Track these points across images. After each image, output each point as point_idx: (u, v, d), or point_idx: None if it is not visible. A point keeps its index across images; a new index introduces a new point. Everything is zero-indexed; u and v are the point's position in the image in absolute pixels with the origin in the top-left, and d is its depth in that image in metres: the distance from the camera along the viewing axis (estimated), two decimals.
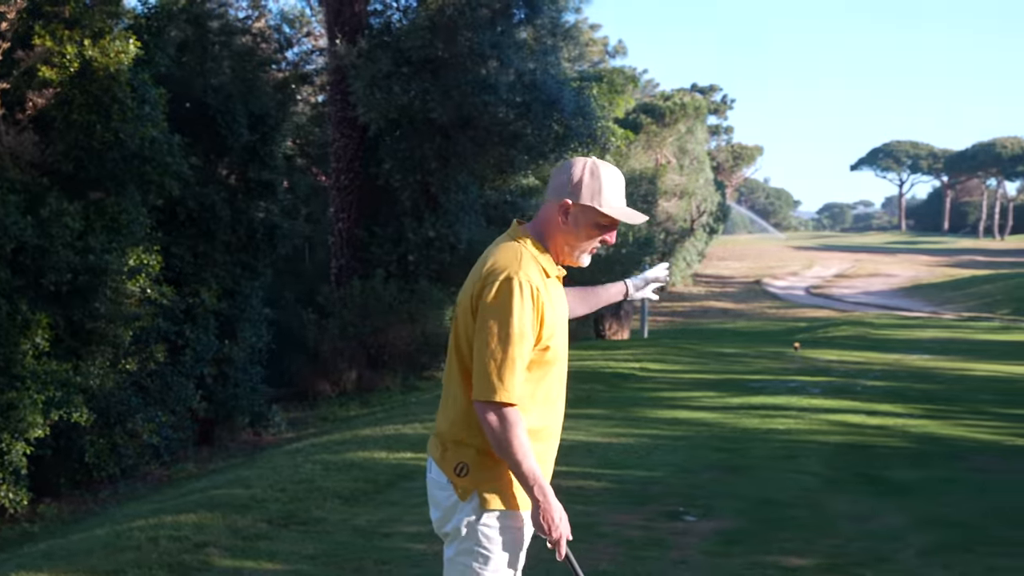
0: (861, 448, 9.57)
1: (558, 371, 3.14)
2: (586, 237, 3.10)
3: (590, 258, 3.18)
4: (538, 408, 3.09)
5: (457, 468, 3.09)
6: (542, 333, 3.01)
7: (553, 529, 2.97)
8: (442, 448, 3.16)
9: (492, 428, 2.97)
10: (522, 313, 2.96)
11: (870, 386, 13.89)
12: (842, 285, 49.10)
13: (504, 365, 2.95)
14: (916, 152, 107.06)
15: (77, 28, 10.22)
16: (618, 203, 3.09)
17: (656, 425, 11.06)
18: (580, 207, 3.08)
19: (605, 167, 3.12)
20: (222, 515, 7.01)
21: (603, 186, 3.06)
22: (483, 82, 16.30)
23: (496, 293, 2.99)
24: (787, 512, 7.16)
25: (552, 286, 3.11)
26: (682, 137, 41.02)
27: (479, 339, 3.00)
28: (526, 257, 3.05)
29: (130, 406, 11.29)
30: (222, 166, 13.54)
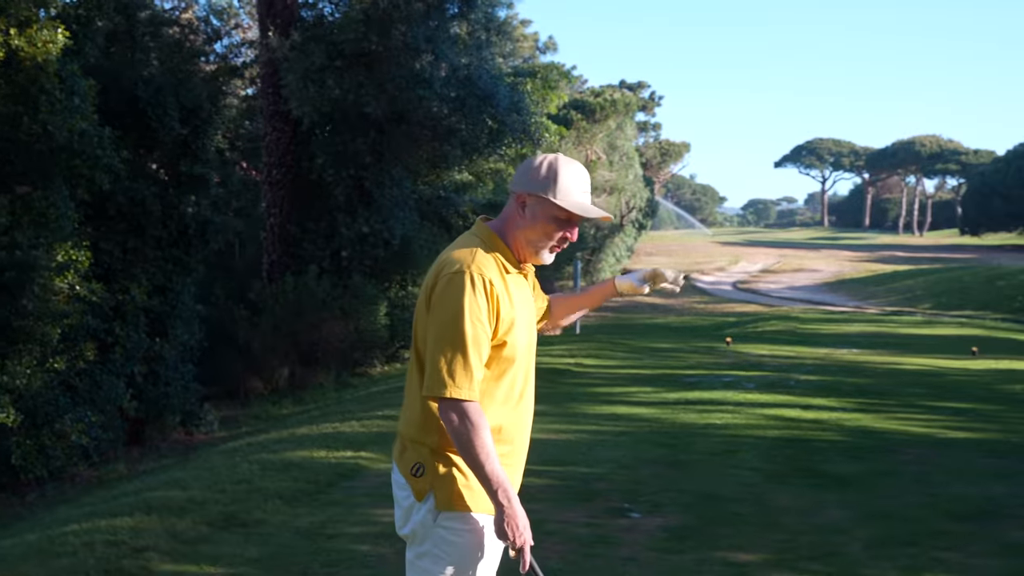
0: (799, 442, 9.66)
1: (520, 370, 3.07)
2: (544, 232, 3.03)
3: (553, 257, 3.11)
4: (497, 407, 3.01)
5: (413, 468, 3.02)
6: (497, 328, 2.94)
7: (516, 537, 2.89)
8: (401, 448, 3.10)
9: (451, 426, 2.90)
10: (473, 307, 2.89)
11: (803, 380, 14.05)
12: (768, 280, 49.77)
13: (455, 360, 2.87)
14: (838, 150, 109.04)
15: (2, 17, 9.87)
16: (577, 197, 3.02)
17: (595, 421, 11.05)
18: (535, 199, 3.02)
19: (566, 161, 3.06)
20: (159, 518, 6.83)
21: (560, 178, 3.01)
22: (417, 76, 16.15)
23: (447, 287, 2.92)
24: (732, 507, 7.18)
25: (512, 282, 3.04)
26: (612, 133, 41.14)
27: (431, 335, 2.93)
28: (482, 251, 2.98)
29: (58, 406, 10.95)
30: (152, 160, 13.21)
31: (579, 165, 3.08)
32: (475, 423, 2.86)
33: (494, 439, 2.94)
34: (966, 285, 40.06)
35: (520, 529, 2.88)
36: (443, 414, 2.89)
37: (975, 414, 11.53)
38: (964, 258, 57.73)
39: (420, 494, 3.00)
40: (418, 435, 3.04)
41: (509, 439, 3.07)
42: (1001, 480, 8.09)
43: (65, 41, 10.36)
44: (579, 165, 3.08)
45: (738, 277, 51.10)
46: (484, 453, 2.85)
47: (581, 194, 3.03)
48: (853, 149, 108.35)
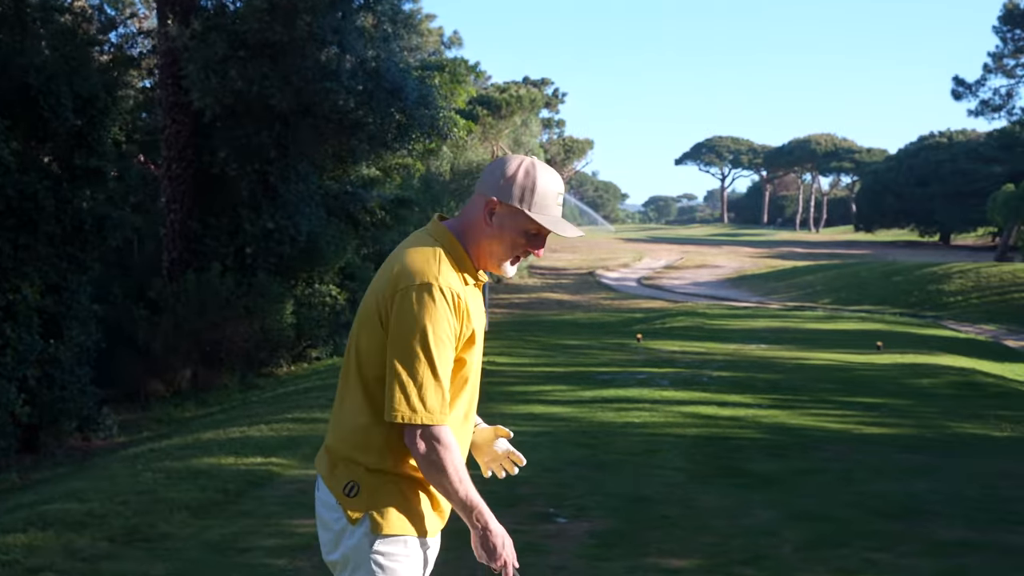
0: (719, 440, 9.58)
1: (472, 387, 2.83)
2: (511, 244, 2.74)
3: (516, 269, 2.83)
4: (453, 424, 2.75)
5: (347, 488, 2.74)
6: (459, 344, 2.69)
7: (498, 557, 2.69)
8: (331, 465, 2.80)
9: (421, 454, 2.65)
10: (442, 324, 2.62)
11: (716, 376, 14.05)
12: (672, 276, 50.20)
13: (425, 383, 2.61)
14: (737, 147, 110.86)
15: None
16: (553, 212, 2.74)
17: (513, 421, 10.81)
18: (508, 208, 2.72)
19: (544, 169, 2.76)
20: (56, 534, 6.38)
21: (537, 189, 2.71)
22: (324, 68, 15.72)
23: (413, 301, 2.63)
24: (659, 509, 7.02)
25: (471, 295, 2.76)
26: (517, 129, 41.11)
27: (395, 354, 2.65)
28: (443, 260, 2.70)
29: None
30: (45, 152, 12.53)
31: (556, 174, 2.78)
32: (448, 448, 2.63)
33: None
34: (863, 280, 40.94)
35: (500, 548, 2.70)
36: (412, 441, 2.64)
37: (888, 409, 11.62)
38: (860, 254, 59.12)
39: (354, 516, 2.72)
40: (353, 453, 2.76)
41: None
42: (921, 476, 8.09)
43: None
44: (556, 174, 2.78)
45: (643, 273, 51.42)
46: (458, 478, 2.64)
47: (557, 207, 2.75)
48: (751, 147, 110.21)
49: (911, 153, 68.23)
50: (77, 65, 12.60)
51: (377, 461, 2.72)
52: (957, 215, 61.13)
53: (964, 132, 68.13)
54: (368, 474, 2.72)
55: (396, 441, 2.69)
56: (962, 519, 6.80)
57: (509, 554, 2.71)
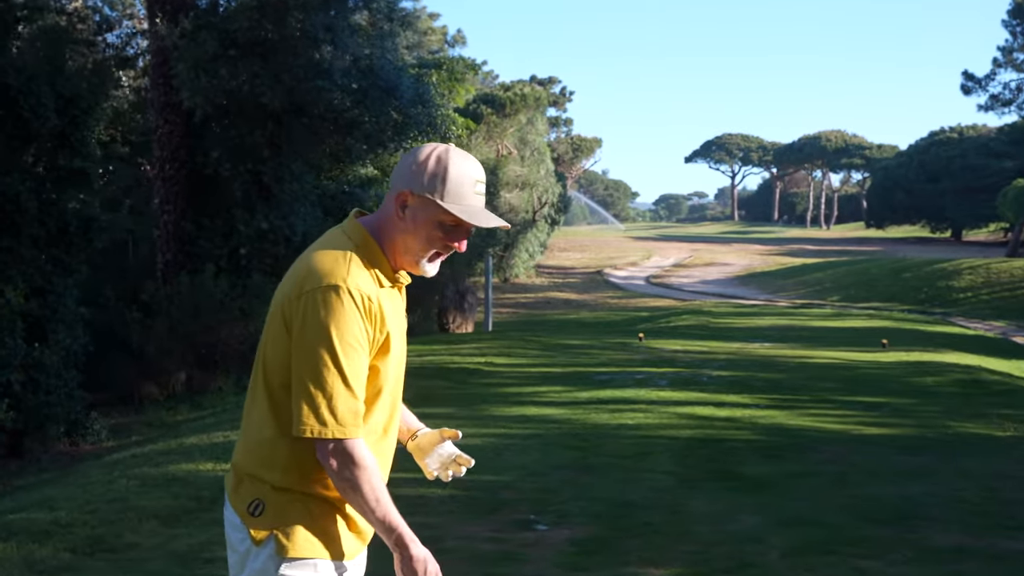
0: (712, 442, 9.35)
1: (387, 400, 2.58)
2: (427, 239, 2.50)
3: (437, 267, 2.58)
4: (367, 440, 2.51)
5: (251, 506, 2.50)
6: (371, 350, 2.46)
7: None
8: (236, 482, 2.56)
9: (334, 471, 2.42)
10: (352, 329, 2.39)
11: (716, 376, 13.81)
12: (681, 274, 49.97)
13: (335, 393, 2.38)
14: (747, 145, 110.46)
15: None
16: (470, 201, 2.49)
17: (505, 423, 10.63)
18: (420, 200, 2.48)
19: (459, 155, 2.51)
20: (17, 545, 6.18)
21: (450, 176, 2.46)
22: (317, 66, 15.50)
23: (319, 305, 2.39)
24: (643, 516, 6.80)
25: (388, 297, 2.53)
26: (523, 128, 40.81)
27: (301, 362, 2.41)
28: (354, 261, 2.46)
29: None
30: (27, 153, 12.34)
31: (473, 160, 2.53)
32: (364, 464, 2.41)
33: None
34: (873, 277, 40.63)
35: (430, 573, 2.46)
36: (324, 456, 2.41)
37: (889, 408, 11.36)
38: (870, 251, 58.76)
39: (258, 538, 2.49)
40: (258, 470, 2.53)
41: None
42: (918, 479, 7.84)
43: None
44: (473, 160, 2.53)
45: (651, 272, 51.21)
46: (374, 497, 2.42)
47: (475, 196, 2.50)
48: (761, 144, 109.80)
49: (921, 149, 67.74)
50: (60, 65, 12.40)
51: (283, 478, 2.49)
52: (968, 211, 60.66)
53: (975, 127, 67.61)
54: (274, 492, 2.49)
55: (303, 456, 2.46)
56: (958, 524, 6.56)
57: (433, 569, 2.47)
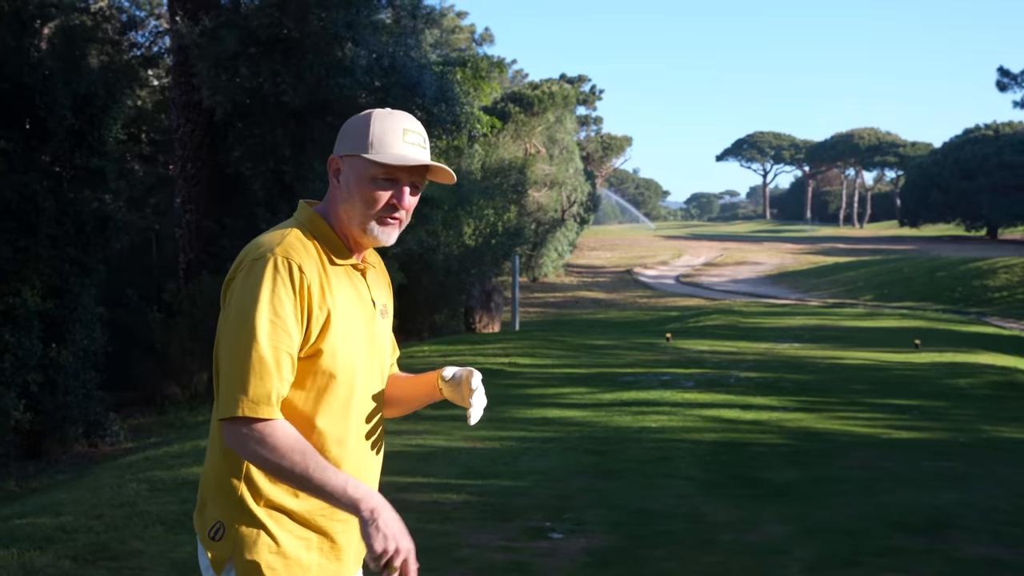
0: (737, 447, 9.09)
1: (352, 393, 2.33)
2: (363, 200, 2.30)
3: (393, 233, 2.36)
4: (321, 441, 2.28)
5: (212, 530, 2.29)
6: (310, 330, 2.23)
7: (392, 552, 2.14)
8: (201, 503, 2.35)
9: (251, 455, 2.18)
10: (273, 299, 2.18)
11: (743, 378, 13.54)
12: (711, 273, 49.58)
13: (250, 368, 2.15)
14: (779, 143, 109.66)
15: None
16: (399, 150, 2.30)
17: (525, 426, 10.41)
18: (348, 161, 2.32)
19: (385, 111, 2.36)
20: (18, 552, 6.03)
21: (373, 130, 2.30)
22: (338, 64, 15.34)
23: (243, 279, 2.21)
24: (662, 524, 6.56)
25: (338, 276, 2.32)
26: (551, 127, 40.64)
27: (220, 339, 2.22)
28: (294, 236, 2.29)
29: None
30: (45, 152, 12.25)
31: (402, 114, 2.37)
32: (279, 444, 2.15)
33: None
34: (907, 276, 40.08)
35: (393, 536, 2.15)
36: (236, 441, 2.18)
37: (920, 412, 11.05)
38: (904, 249, 58.04)
39: (219, 564, 2.28)
40: (217, 491, 2.32)
41: None
42: (949, 485, 7.56)
43: None
44: (402, 114, 2.37)
45: (681, 271, 50.86)
46: (306, 465, 2.15)
47: (404, 145, 2.31)
48: (793, 142, 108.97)
49: (956, 146, 66.87)
50: (76, 64, 12.31)
51: (240, 497, 2.27)
52: (1004, 209, 59.81)
53: (1011, 124, 66.68)
54: (234, 512, 2.27)
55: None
56: (990, 534, 6.29)
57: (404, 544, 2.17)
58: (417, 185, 2.37)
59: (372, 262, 2.49)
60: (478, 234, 27.49)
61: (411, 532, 6.07)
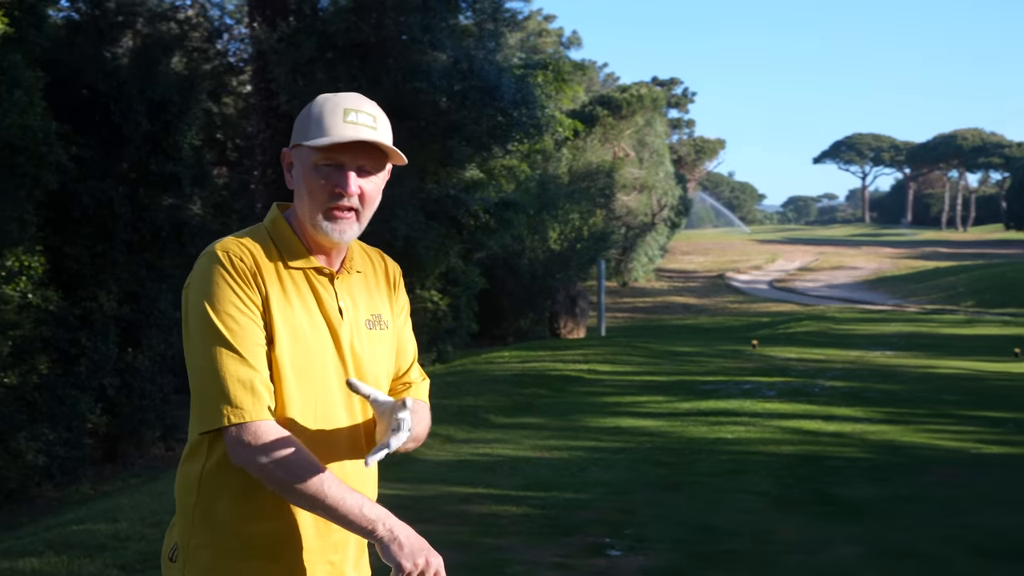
0: (814, 460, 8.71)
1: (302, 406, 2.07)
2: (308, 191, 2.08)
3: (348, 229, 2.10)
4: None
5: (171, 551, 2.11)
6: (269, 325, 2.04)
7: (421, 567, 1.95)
8: (171, 524, 2.19)
9: (253, 465, 1.97)
10: (226, 295, 1.99)
11: (829, 387, 13.07)
12: (806, 278, 48.57)
13: (223, 372, 1.96)
14: (878, 144, 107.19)
15: None
16: (340, 131, 2.05)
17: (596, 436, 10.18)
18: (295, 153, 2.13)
19: (329, 94, 2.14)
20: (69, 559, 5.98)
21: (312, 115, 2.09)
22: (415, 68, 15.26)
23: (193, 281, 2.04)
24: (727, 543, 6.26)
25: (296, 280, 2.11)
26: (640, 130, 40.24)
27: (186, 347, 2.04)
28: (244, 233, 2.11)
29: (12, 424, 10.14)
30: (121, 158, 12.39)
31: (348, 94, 2.14)
32: (281, 452, 1.95)
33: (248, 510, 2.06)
34: (1010, 281, 38.67)
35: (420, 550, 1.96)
36: (235, 453, 1.97)
37: (1014, 425, 10.48)
38: (1008, 253, 56.12)
39: None
40: (179, 503, 2.13)
41: (277, 514, 2.07)
42: None
43: (5, 29, 9.57)
44: (348, 94, 2.14)
45: (775, 275, 49.93)
46: (317, 483, 1.95)
47: (346, 125, 2.06)
48: (893, 144, 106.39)
49: None
50: (150, 71, 12.44)
51: (190, 515, 2.08)
52: None
53: None
54: (187, 533, 2.08)
55: (211, 478, 2.05)
56: None
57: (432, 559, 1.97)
58: (367, 169, 2.11)
59: (359, 267, 2.24)
60: (563, 238, 27.27)
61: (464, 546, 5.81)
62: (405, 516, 2.03)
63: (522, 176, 21.95)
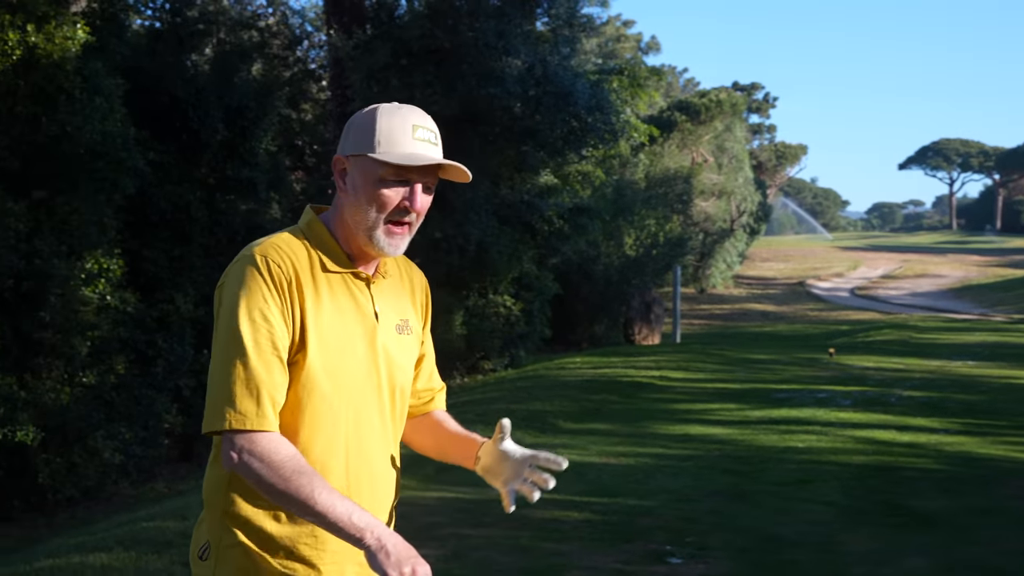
0: (887, 471, 8.54)
1: (337, 407, 2.11)
2: (371, 203, 2.10)
3: (400, 244, 2.16)
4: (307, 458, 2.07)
5: (201, 549, 2.16)
6: (294, 334, 2.06)
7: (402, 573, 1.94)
8: (199, 522, 2.23)
9: (244, 471, 2.00)
10: (254, 300, 2.01)
11: (906, 397, 12.80)
12: (888, 286, 47.63)
13: (234, 377, 1.99)
14: (966, 150, 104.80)
15: (20, 13, 9.41)
16: (408, 148, 2.09)
17: (663, 443, 10.10)
18: (354, 161, 2.12)
19: (392, 107, 2.15)
20: (137, 555, 6.12)
21: (379, 126, 2.10)
22: (489, 74, 15.33)
23: (227, 284, 2.07)
24: (791, 553, 6.17)
25: (332, 285, 2.13)
26: (720, 135, 39.86)
27: (213, 347, 2.08)
28: (281, 238, 2.12)
29: (90, 422, 10.40)
30: (198, 164, 12.64)
31: (411, 108, 2.17)
32: (273, 459, 1.97)
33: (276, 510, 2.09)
34: None
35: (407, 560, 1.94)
36: (225, 457, 2.01)
37: None
38: None
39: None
40: (208, 501, 2.19)
41: None
42: None
43: (86, 38, 9.84)
44: (411, 108, 2.17)
45: (857, 283, 49.02)
46: (308, 489, 1.97)
47: (414, 142, 2.11)
48: (982, 149, 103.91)
49: None
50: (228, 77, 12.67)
51: (220, 513, 2.13)
52: None
53: None
54: (217, 532, 2.13)
55: (239, 478, 2.07)
56: None
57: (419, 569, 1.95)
58: (429, 186, 2.17)
59: (389, 272, 2.28)
60: (639, 244, 27.12)
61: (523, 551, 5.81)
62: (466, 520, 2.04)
63: (597, 182, 21.89)
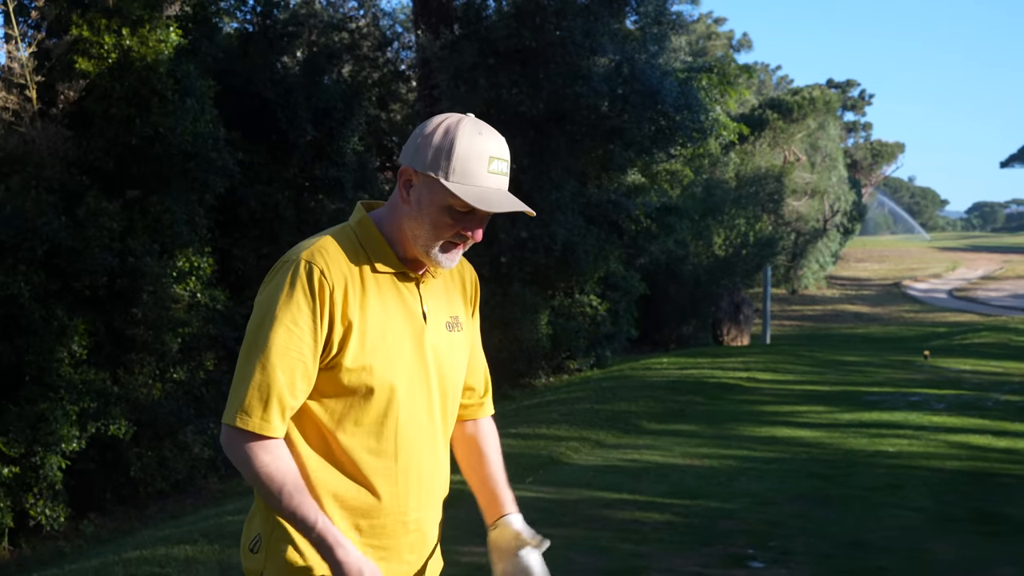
0: (980, 476, 8.28)
1: (388, 406, 2.12)
2: (433, 226, 2.09)
3: (456, 257, 2.16)
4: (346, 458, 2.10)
5: (252, 542, 2.18)
6: (331, 339, 2.05)
7: None
8: (251, 512, 2.25)
9: (241, 464, 2.05)
10: (291, 306, 2.02)
11: (1003, 401, 12.42)
12: (988, 288, 46.36)
13: (251, 379, 2.01)
14: None
15: (116, 17, 9.65)
16: (483, 181, 2.06)
17: (749, 445, 9.93)
18: (424, 179, 2.08)
19: (471, 126, 2.08)
20: (220, 548, 6.24)
21: (457, 152, 2.04)
22: (576, 73, 15.28)
23: (267, 284, 2.09)
24: (876, 559, 6.01)
25: (382, 285, 2.13)
26: (813, 133, 39.19)
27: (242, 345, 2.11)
28: (329, 241, 2.11)
29: (180, 418, 10.63)
30: (287, 164, 12.84)
31: (491, 133, 2.10)
32: (266, 466, 2.01)
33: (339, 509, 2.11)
34: None
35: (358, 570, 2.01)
36: (227, 447, 2.04)
37: None
38: None
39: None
40: (259, 500, 2.21)
41: (366, 512, 2.14)
42: None
43: (179, 41, 10.06)
44: (491, 133, 2.10)
45: (955, 284, 47.85)
46: (286, 492, 2.01)
47: (489, 176, 2.07)
48: None
49: None
50: (316, 79, 12.84)
51: None
52: None
53: None
54: (270, 524, 2.14)
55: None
56: None
57: None
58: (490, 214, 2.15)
59: (439, 271, 2.26)
60: (729, 244, 26.81)
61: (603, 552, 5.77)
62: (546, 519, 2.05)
63: (686, 180, 21.69)
